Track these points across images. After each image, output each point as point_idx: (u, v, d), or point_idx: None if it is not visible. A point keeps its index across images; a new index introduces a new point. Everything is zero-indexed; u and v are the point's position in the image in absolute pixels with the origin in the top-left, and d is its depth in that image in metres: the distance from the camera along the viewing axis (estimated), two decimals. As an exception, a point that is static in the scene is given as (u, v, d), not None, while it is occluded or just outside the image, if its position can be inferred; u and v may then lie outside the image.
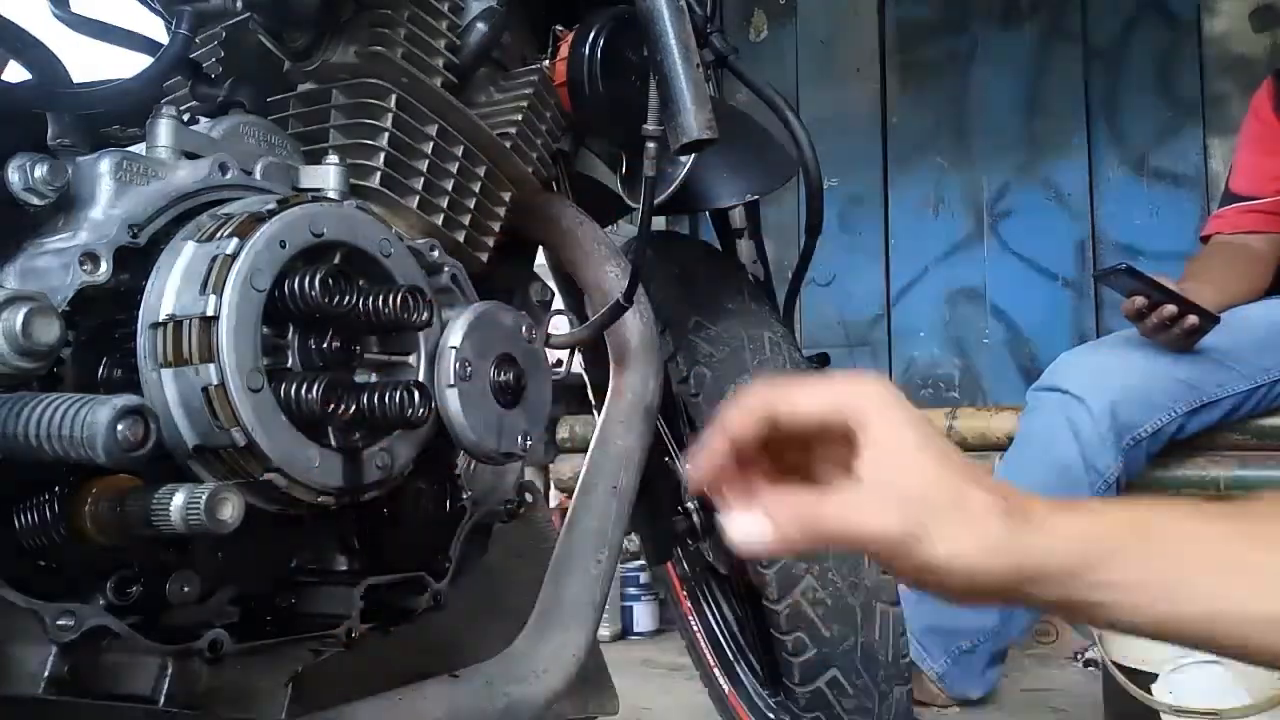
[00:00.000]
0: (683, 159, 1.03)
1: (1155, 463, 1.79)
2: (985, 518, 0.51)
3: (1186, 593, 0.52)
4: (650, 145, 0.89)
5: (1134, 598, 0.52)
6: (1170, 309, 1.66)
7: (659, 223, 1.66)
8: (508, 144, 0.92)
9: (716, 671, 1.47)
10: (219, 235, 0.63)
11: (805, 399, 0.55)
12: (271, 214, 0.64)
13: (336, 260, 0.68)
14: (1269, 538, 0.53)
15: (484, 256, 0.92)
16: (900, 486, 0.52)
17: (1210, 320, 1.68)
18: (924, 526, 0.51)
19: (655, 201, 0.95)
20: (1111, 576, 0.52)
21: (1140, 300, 1.68)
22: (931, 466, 0.53)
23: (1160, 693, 1.50)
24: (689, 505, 1.22)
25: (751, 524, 0.55)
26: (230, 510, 0.57)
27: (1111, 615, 0.53)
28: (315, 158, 0.79)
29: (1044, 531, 0.52)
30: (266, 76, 0.86)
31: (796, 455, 0.59)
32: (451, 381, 0.73)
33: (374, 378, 0.72)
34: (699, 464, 0.58)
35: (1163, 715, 1.50)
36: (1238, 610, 0.52)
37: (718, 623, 1.50)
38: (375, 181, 0.82)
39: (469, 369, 0.74)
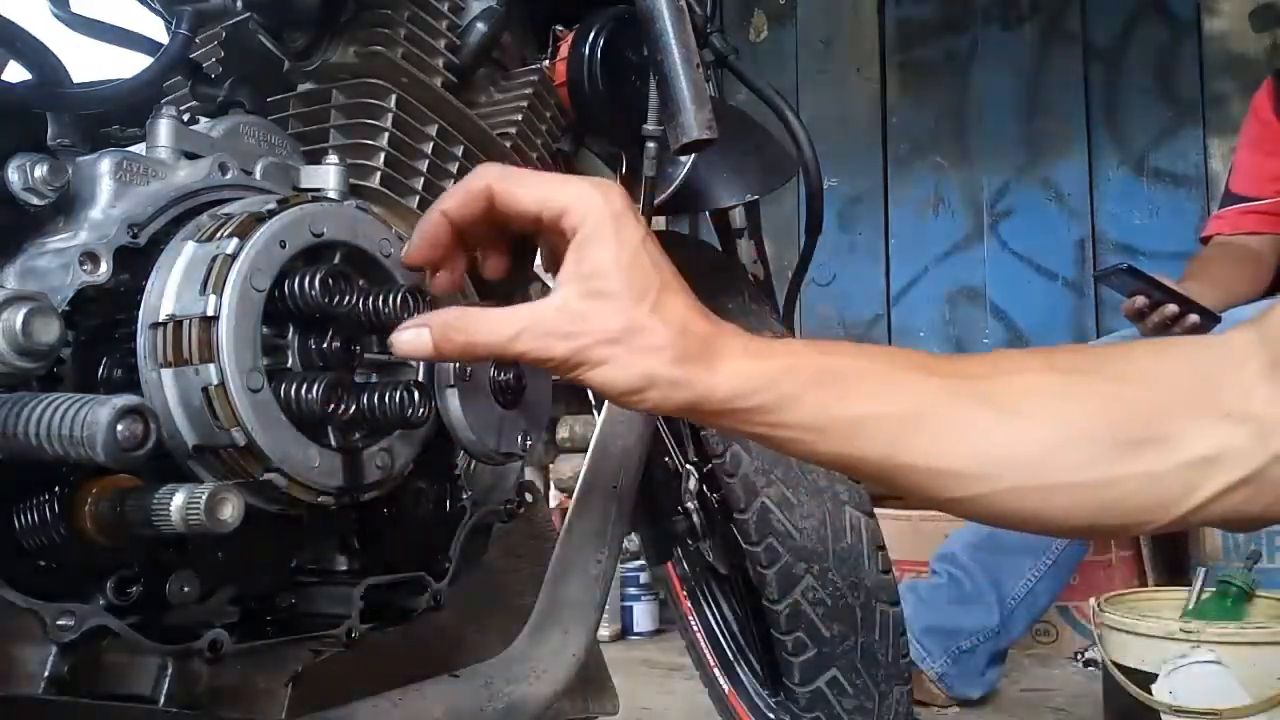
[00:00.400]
0: (683, 159, 1.03)
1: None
2: (655, 352, 0.54)
3: (864, 440, 0.55)
4: (650, 145, 0.89)
5: (808, 438, 0.55)
6: (1171, 308, 1.66)
7: (659, 223, 1.66)
8: (508, 144, 0.92)
9: (716, 671, 1.48)
10: (219, 235, 0.63)
11: (527, 191, 0.56)
12: (271, 214, 0.64)
13: (336, 260, 0.68)
14: (955, 392, 0.55)
15: (484, 256, 0.91)
16: (579, 307, 0.54)
17: (1211, 319, 1.68)
18: (589, 350, 0.54)
19: (655, 201, 0.95)
20: (782, 419, 0.55)
21: (1141, 300, 1.68)
22: (621, 288, 0.54)
23: (1160, 693, 1.50)
24: (689, 505, 1.23)
25: (414, 336, 0.58)
26: (230, 510, 0.57)
27: (791, 450, 0.57)
28: (315, 158, 0.79)
29: (718, 373, 0.54)
30: (266, 76, 0.86)
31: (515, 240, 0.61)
32: (451, 381, 0.72)
33: (374, 378, 0.72)
34: (414, 239, 0.60)
35: (1163, 715, 1.50)
36: (910, 461, 0.55)
37: (718, 623, 1.50)
38: (375, 181, 0.82)
39: (469, 369, 0.74)
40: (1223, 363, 0.55)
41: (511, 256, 0.64)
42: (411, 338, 0.58)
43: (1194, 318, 1.66)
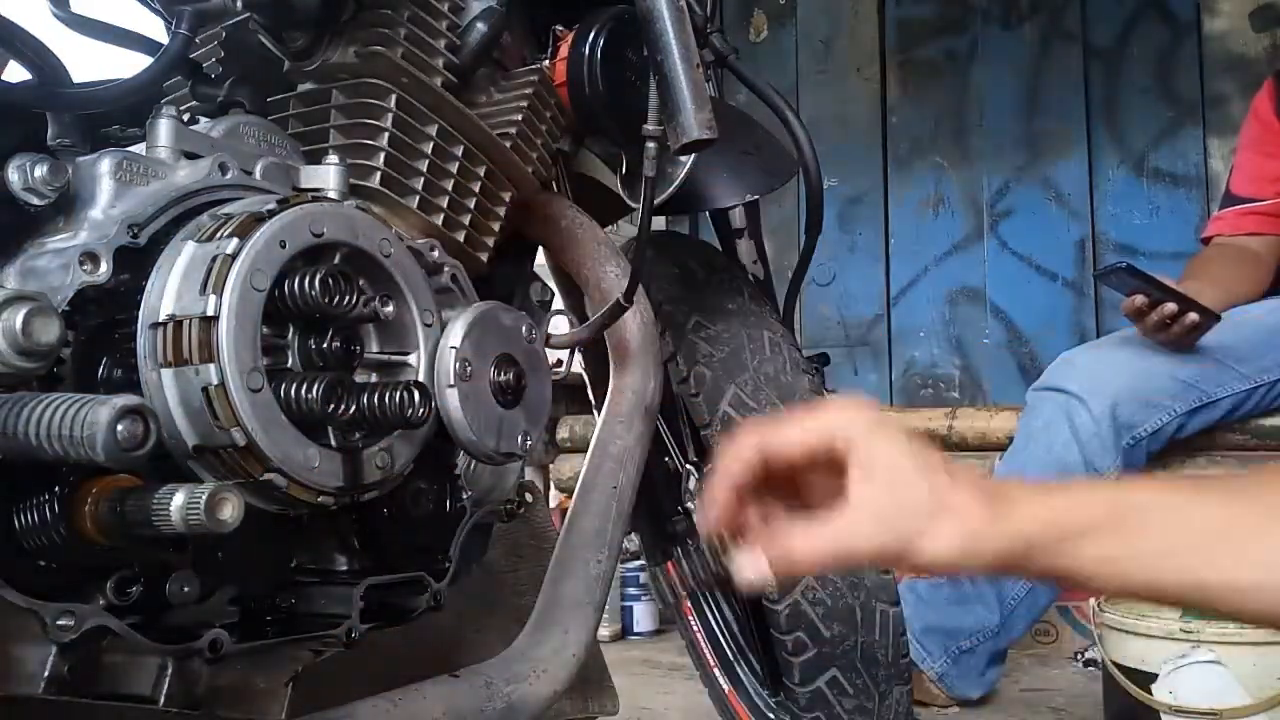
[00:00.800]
0: (683, 159, 1.03)
1: (1155, 462, 1.79)
2: (965, 514, 0.57)
3: (1170, 563, 0.56)
4: (650, 145, 0.89)
5: (1115, 568, 0.57)
6: (1170, 307, 1.66)
7: (659, 223, 1.66)
8: (508, 144, 0.92)
9: (716, 671, 1.48)
10: (219, 235, 0.63)
11: (795, 433, 0.60)
12: (271, 214, 0.64)
13: (336, 260, 0.68)
14: (1255, 508, 0.56)
15: (484, 256, 0.92)
16: (886, 502, 0.58)
17: (1211, 318, 1.68)
18: (911, 533, 0.57)
19: (655, 201, 0.95)
20: (1088, 550, 0.56)
21: (1140, 299, 1.68)
22: (914, 476, 0.58)
23: (1160, 693, 1.50)
24: (689, 505, 1.22)
25: (758, 564, 0.60)
26: (230, 510, 0.57)
27: (1098, 585, 0.59)
28: (315, 158, 0.79)
29: (1021, 515, 0.57)
30: (266, 76, 0.86)
31: (784, 485, 0.63)
32: (451, 381, 0.73)
33: (374, 378, 0.72)
34: (711, 515, 0.63)
35: (1163, 715, 1.50)
36: (1220, 579, 0.56)
37: (718, 623, 1.50)
38: (375, 181, 0.82)
39: (469, 369, 0.74)
40: None
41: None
42: (755, 571, 0.60)
43: (1193, 316, 1.66)
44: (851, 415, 0.60)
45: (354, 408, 0.67)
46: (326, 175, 0.75)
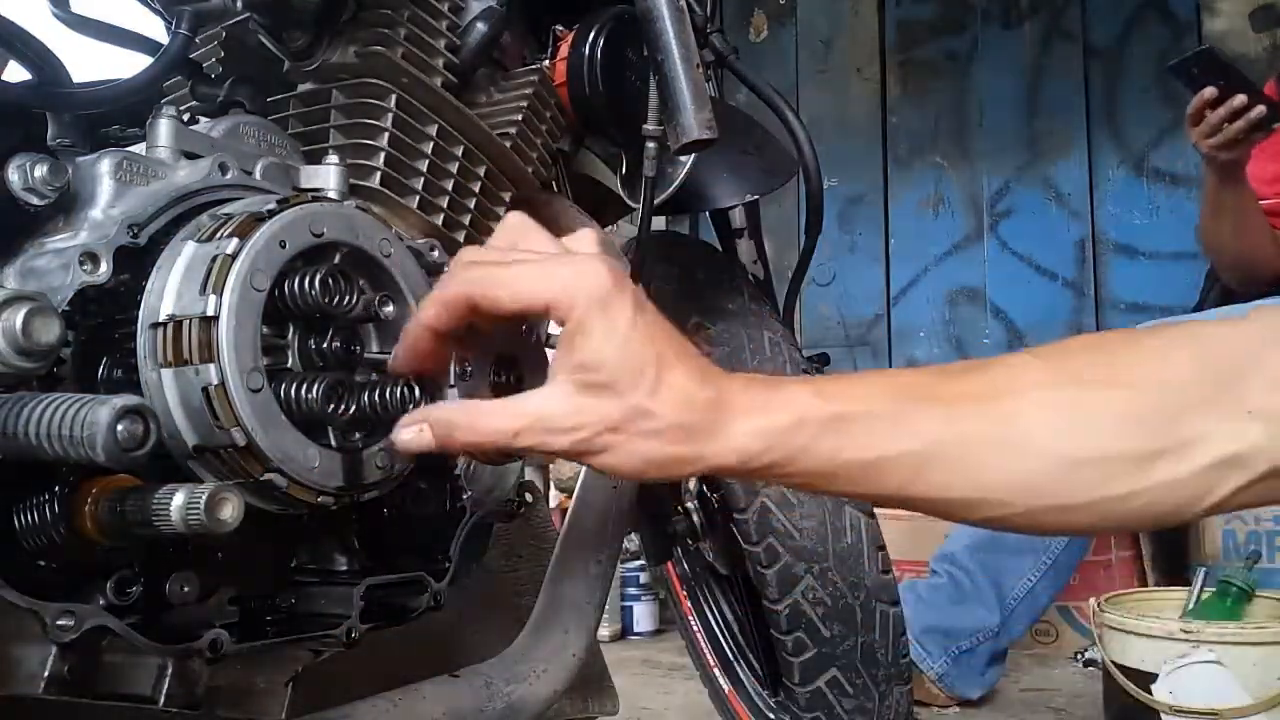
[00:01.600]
0: (683, 159, 1.03)
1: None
2: (652, 437, 0.54)
3: (882, 475, 0.55)
4: (650, 145, 0.89)
5: (823, 483, 0.57)
6: (1240, 98, 1.62)
7: (659, 223, 1.66)
8: (508, 144, 0.92)
9: (716, 671, 1.48)
10: (219, 235, 0.63)
11: (507, 293, 0.55)
12: (271, 214, 0.64)
13: (336, 260, 0.68)
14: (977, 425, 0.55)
15: (484, 256, 0.91)
16: (575, 406, 0.54)
17: (1276, 116, 1.63)
18: (591, 445, 0.54)
19: (655, 201, 0.95)
20: (795, 469, 0.55)
21: (1211, 91, 1.64)
22: (611, 383, 0.54)
23: (1160, 693, 1.50)
24: (689, 505, 1.22)
25: (415, 434, 0.58)
26: (230, 510, 0.57)
27: (807, 491, 0.58)
28: (315, 158, 0.79)
29: (726, 439, 0.55)
30: (266, 76, 0.86)
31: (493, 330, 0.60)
32: (451, 381, 0.72)
33: (374, 378, 0.72)
34: (397, 354, 0.60)
35: (1163, 715, 1.50)
36: (924, 494, 0.56)
37: (718, 623, 1.50)
38: (375, 181, 0.82)
39: (468, 369, 0.74)
40: (1239, 356, 0.54)
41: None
42: (412, 436, 0.58)
43: (1260, 109, 1.62)
44: (578, 282, 0.54)
45: (354, 407, 0.67)
46: (326, 175, 0.75)
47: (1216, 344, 0.56)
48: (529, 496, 0.91)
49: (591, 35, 0.98)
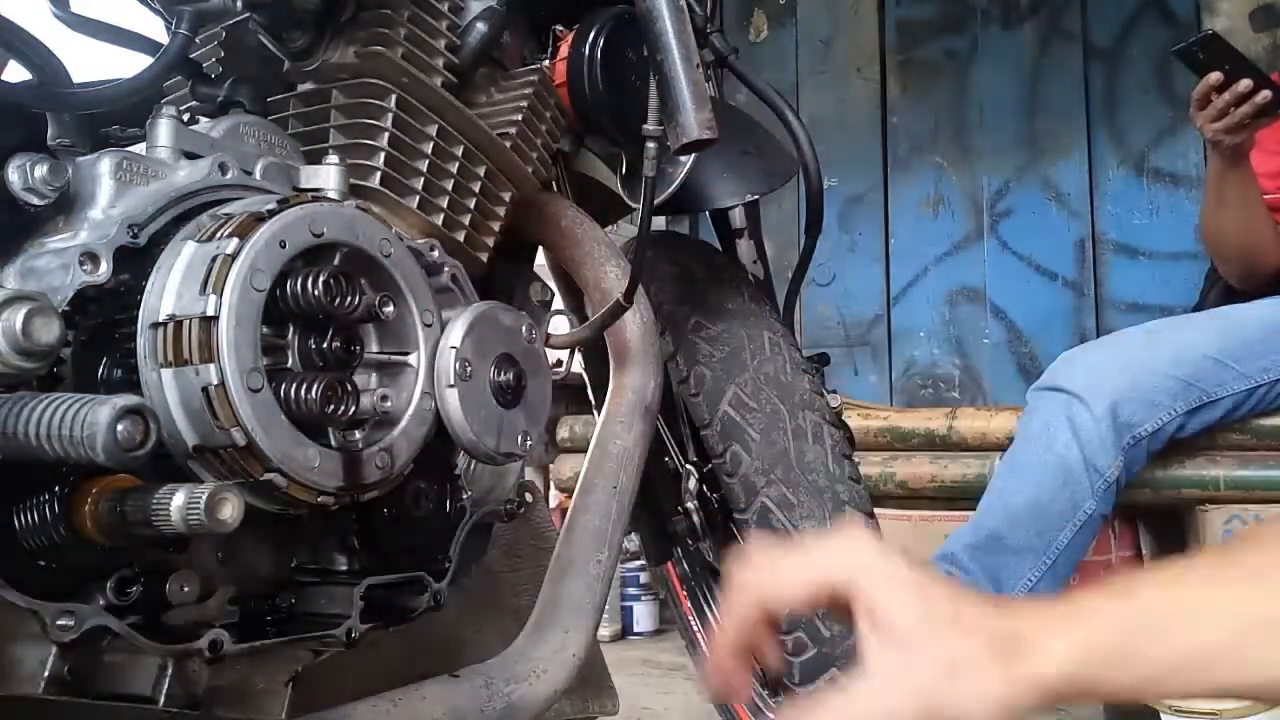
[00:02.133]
0: (683, 159, 1.03)
1: (1155, 462, 1.79)
2: (984, 680, 0.53)
3: (1198, 675, 0.54)
4: (650, 145, 0.89)
5: (1147, 689, 0.55)
6: (1246, 83, 1.62)
7: (659, 223, 1.66)
8: (508, 144, 0.92)
9: (716, 671, 1.47)
10: (219, 235, 0.63)
11: (792, 584, 0.56)
12: (271, 214, 0.64)
13: (336, 260, 0.68)
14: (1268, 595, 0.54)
15: (484, 256, 0.91)
16: (904, 679, 0.53)
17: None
18: (933, 711, 0.53)
19: (655, 201, 0.95)
20: (1109, 684, 0.54)
21: (1217, 75, 1.64)
22: (929, 641, 0.53)
23: (1160, 693, 1.50)
24: (689, 505, 1.22)
25: None
26: (230, 510, 0.57)
27: (1132, 699, 0.55)
28: (315, 158, 0.79)
29: (1039, 661, 0.53)
30: (266, 76, 0.86)
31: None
32: (451, 381, 0.72)
33: (374, 378, 0.72)
34: (715, 679, 0.59)
35: (1163, 715, 1.50)
36: (1259, 679, 0.53)
37: (718, 623, 1.50)
38: (375, 181, 0.82)
39: (469, 369, 0.74)
40: None
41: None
42: None
43: (1266, 94, 1.61)
44: (855, 558, 0.56)
45: (354, 407, 0.67)
46: (326, 175, 0.75)
47: None
48: (529, 496, 0.91)
49: (591, 35, 0.98)
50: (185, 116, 0.74)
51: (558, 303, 1.11)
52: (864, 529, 0.57)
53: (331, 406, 0.65)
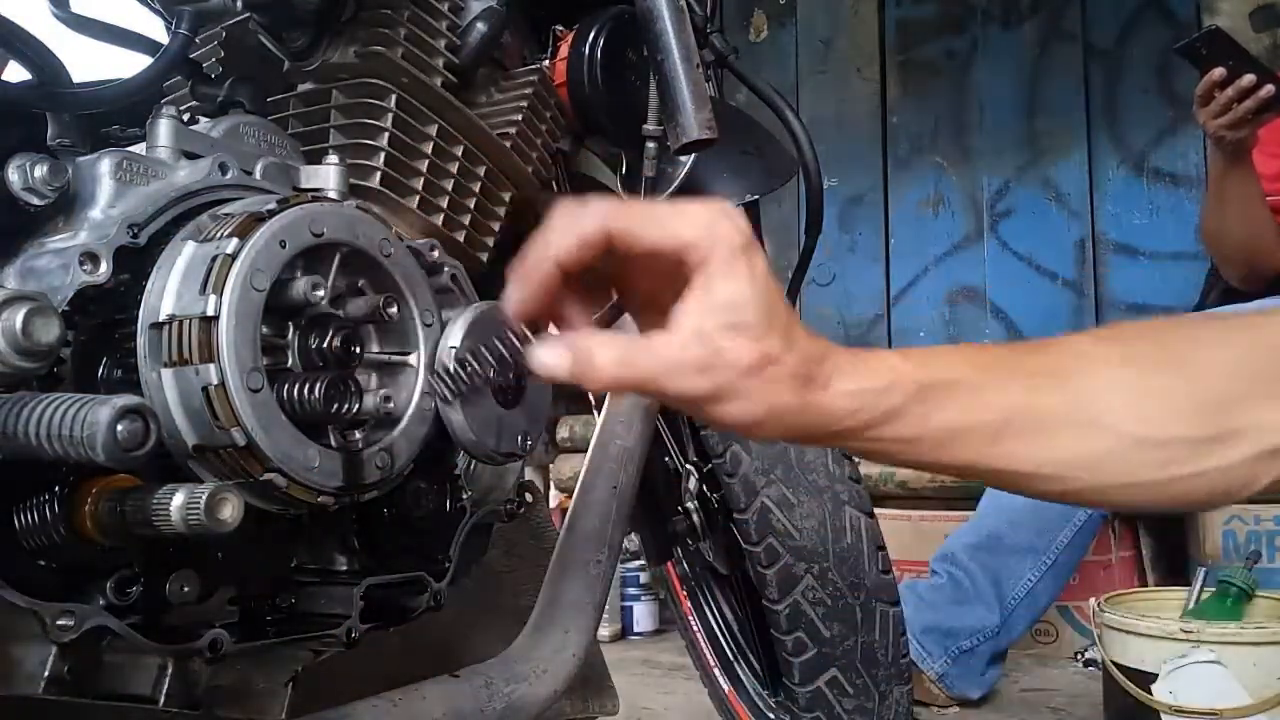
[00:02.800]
0: (683, 159, 1.03)
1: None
2: (781, 383, 0.54)
3: (956, 446, 0.57)
4: (650, 145, 0.89)
5: (909, 448, 0.58)
6: (1249, 78, 1.62)
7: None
8: (508, 144, 0.92)
9: (716, 671, 1.48)
10: (219, 235, 0.63)
11: (647, 229, 0.54)
12: (271, 214, 0.64)
13: (336, 260, 0.68)
14: (1054, 398, 0.57)
15: (484, 256, 0.92)
16: (715, 348, 0.54)
17: None
18: (723, 387, 0.54)
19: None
20: (888, 432, 0.57)
21: (1220, 71, 1.64)
22: (751, 326, 0.54)
23: (1160, 693, 1.50)
24: (689, 505, 1.23)
25: (554, 359, 0.55)
26: (230, 510, 0.57)
27: (892, 461, 0.60)
28: (315, 158, 0.79)
29: (829, 394, 0.56)
30: (266, 76, 0.86)
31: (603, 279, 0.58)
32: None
33: (374, 378, 0.72)
34: (520, 291, 0.56)
35: (1163, 715, 1.50)
36: (997, 465, 0.58)
37: (718, 623, 1.50)
38: (375, 181, 0.82)
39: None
40: None
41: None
42: (553, 360, 0.55)
43: (1269, 88, 1.61)
44: (723, 225, 0.54)
45: (357, 406, 0.67)
46: (326, 175, 0.75)
47: (1270, 335, 0.59)
48: (529, 496, 0.91)
49: (591, 35, 0.98)
50: (185, 116, 0.74)
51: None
52: (738, 212, 0.55)
53: (335, 406, 0.65)
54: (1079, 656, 2.20)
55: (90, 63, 0.88)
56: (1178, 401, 0.57)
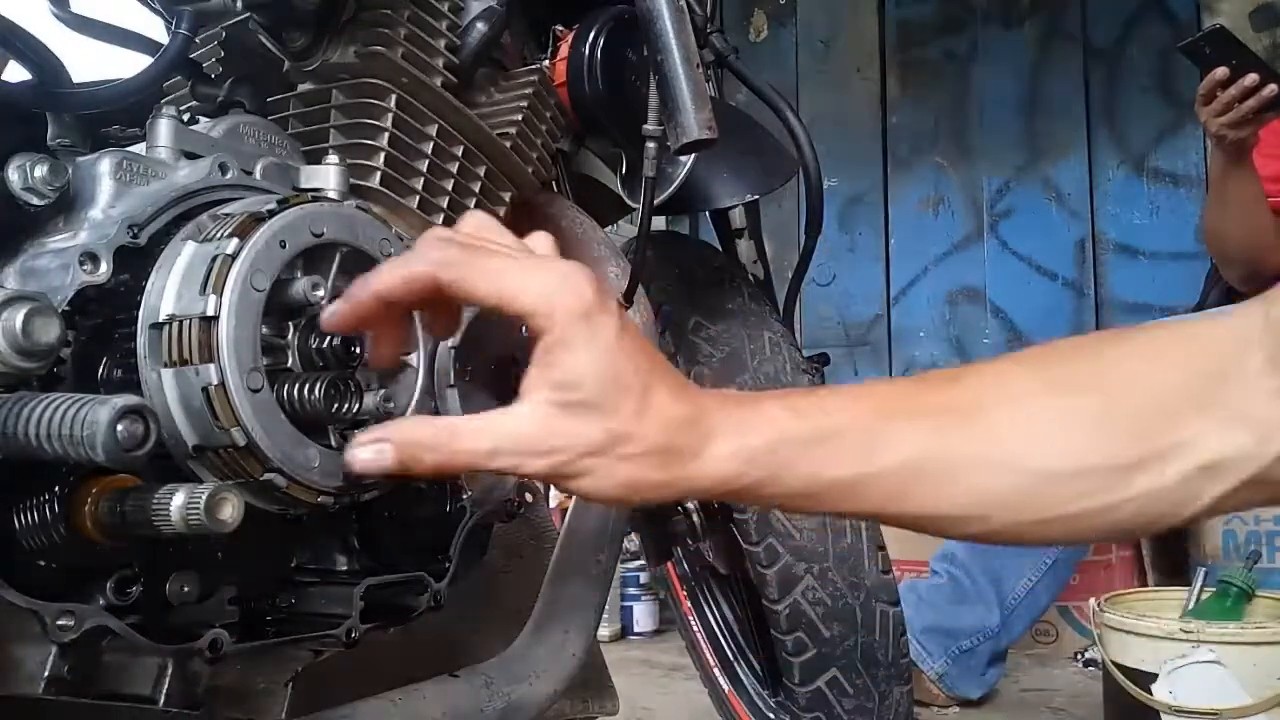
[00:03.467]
0: (683, 159, 1.03)
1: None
2: (634, 461, 0.52)
3: (861, 498, 0.55)
4: (650, 145, 0.89)
5: (809, 503, 0.56)
6: (1252, 77, 1.62)
7: (659, 223, 1.66)
8: (508, 144, 0.92)
9: (716, 671, 1.48)
10: (219, 235, 0.63)
11: (481, 288, 0.52)
12: (271, 214, 0.64)
13: (336, 260, 0.68)
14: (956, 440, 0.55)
15: (484, 256, 0.91)
16: (550, 429, 0.51)
17: None
18: (566, 470, 0.52)
19: (655, 201, 0.95)
20: (777, 490, 0.54)
21: (1223, 71, 1.64)
22: (592, 404, 0.51)
23: (1160, 693, 1.50)
24: (689, 505, 1.22)
25: (375, 454, 0.54)
26: (230, 510, 0.57)
27: (801, 512, 0.61)
28: (315, 158, 0.79)
29: (703, 461, 0.53)
30: (266, 76, 0.86)
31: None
32: (451, 381, 0.72)
33: (374, 378, 0.72)
34: (336, 309, 0.56)
35: (1163, 715, 1.50)
36: (906, 510, 0.55)
37: (718, 623, 1.50)
38: (375, 181, 0.82)
39: (469, 369, 0.74)
40: (1222, 358, 0.53)
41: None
42: (371, 456, 0.54)
43: (1272, 87, 1.62)
44: (561, 292, 0.51)
45: (358, 406, 0.67)
46: (326, 175, 0.75)
47: (1200, 345, 0.55)
48: (529, 496, 0.91)
49: (591, 35, 0.98)
50: (185, 116, 0.74)
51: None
52: (585, 273, 0.52)
53: (335, 406, 0.65)
54: (1079, 656, 2.20)
55: (90, 63, 0.88)
56: (1099, 427, 0.54)
